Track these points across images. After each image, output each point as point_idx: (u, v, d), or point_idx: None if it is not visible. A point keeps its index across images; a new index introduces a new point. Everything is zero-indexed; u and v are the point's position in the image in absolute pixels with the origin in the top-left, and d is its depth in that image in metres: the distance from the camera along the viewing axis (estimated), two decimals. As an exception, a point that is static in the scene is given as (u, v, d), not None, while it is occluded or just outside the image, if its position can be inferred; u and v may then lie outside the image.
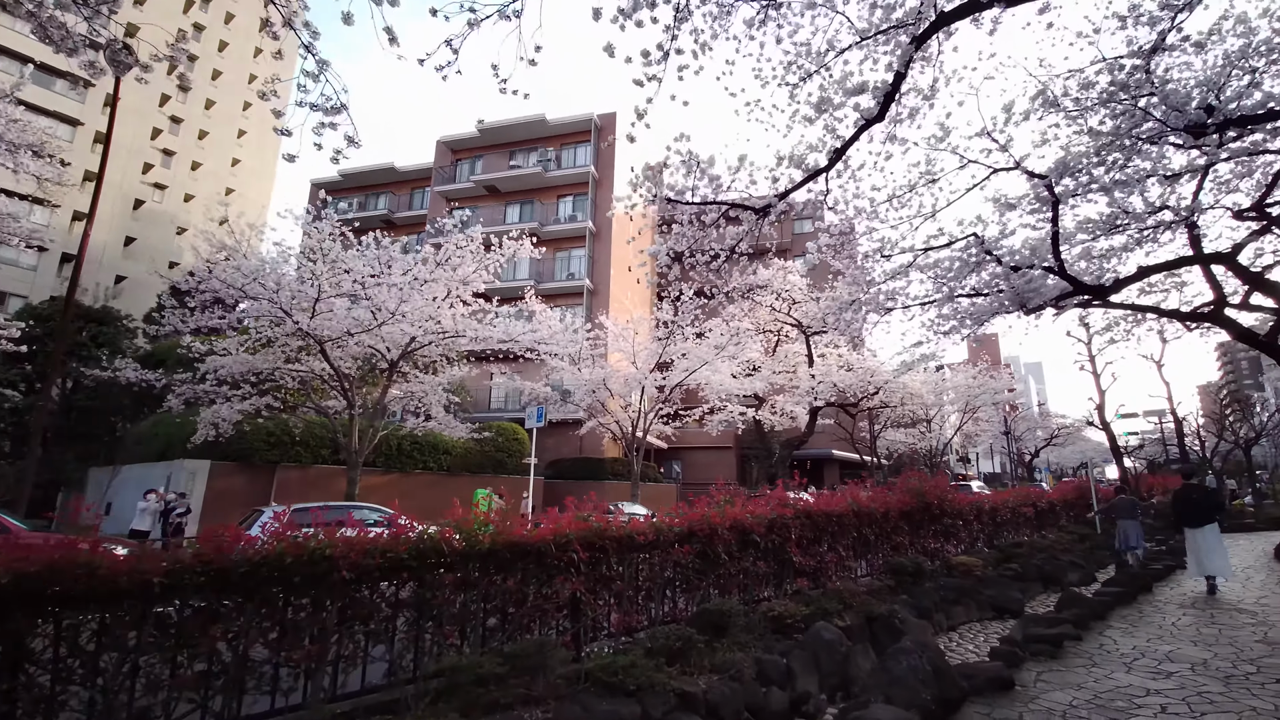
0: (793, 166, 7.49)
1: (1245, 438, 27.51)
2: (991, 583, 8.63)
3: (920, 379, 29.18)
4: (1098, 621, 6.66)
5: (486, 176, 32.64)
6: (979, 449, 60.38)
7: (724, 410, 24.52)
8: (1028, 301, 11.11)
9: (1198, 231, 11.81)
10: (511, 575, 4.41)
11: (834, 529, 7.43)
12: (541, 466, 24.35)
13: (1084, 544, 12.70)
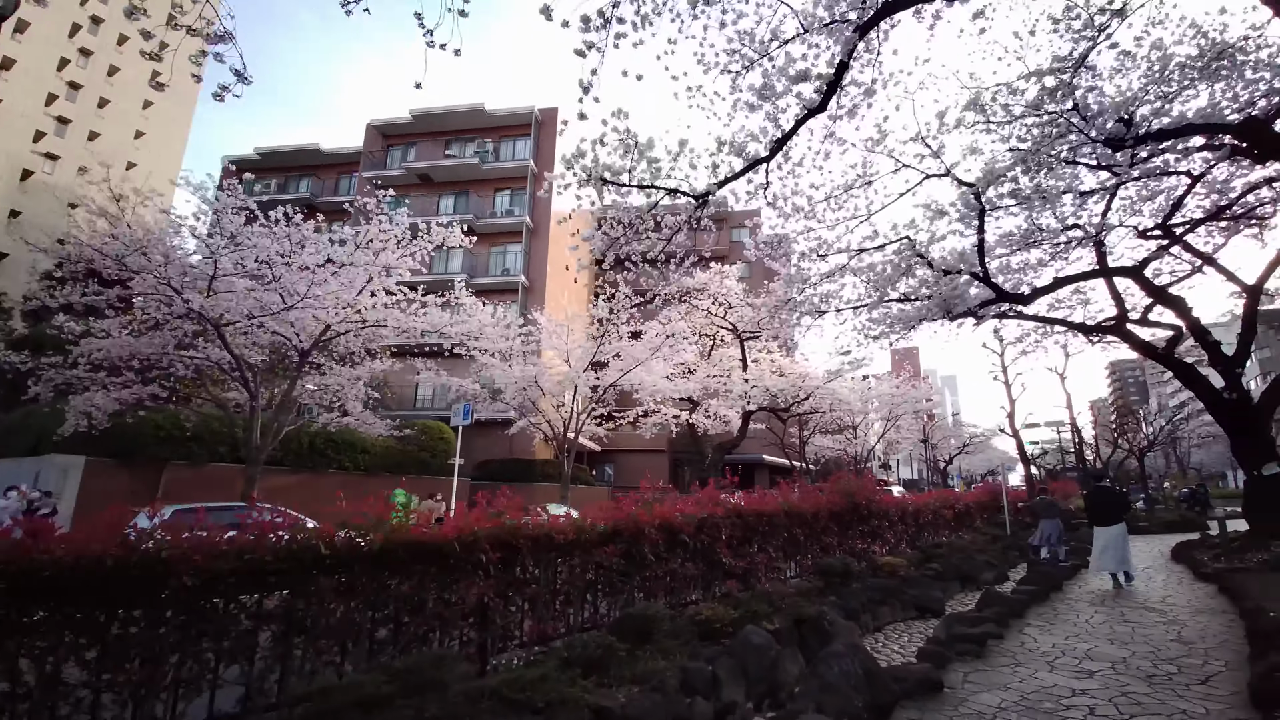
0: (733, 154, 7.27)
1: (1138, 447, 29.84)
2: (914, 582, 8.68)
3: (848, 386, 30.01)
4: (1017, 620, 6.73)
5: (420, 164, 31.25)
6: (899, 456, 63.21)
7: (658, 413, 24.33)
8: (953, 308, 11.42)
9: (1104, 249, 12.54)
10: (408, 579, 3.86)
11: (765, 529, 7.22)
12: (469, 467, 23.33)
13: (996, 544, 13.19)
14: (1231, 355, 11.62)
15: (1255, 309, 11.82)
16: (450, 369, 21.11)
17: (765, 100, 7.01)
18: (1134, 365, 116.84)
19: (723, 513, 6.45)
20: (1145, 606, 7.36)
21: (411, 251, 14.46)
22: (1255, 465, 11.02)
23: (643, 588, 5.69)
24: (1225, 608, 7.07)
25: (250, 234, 11.71)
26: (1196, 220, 11.42)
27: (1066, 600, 7.95)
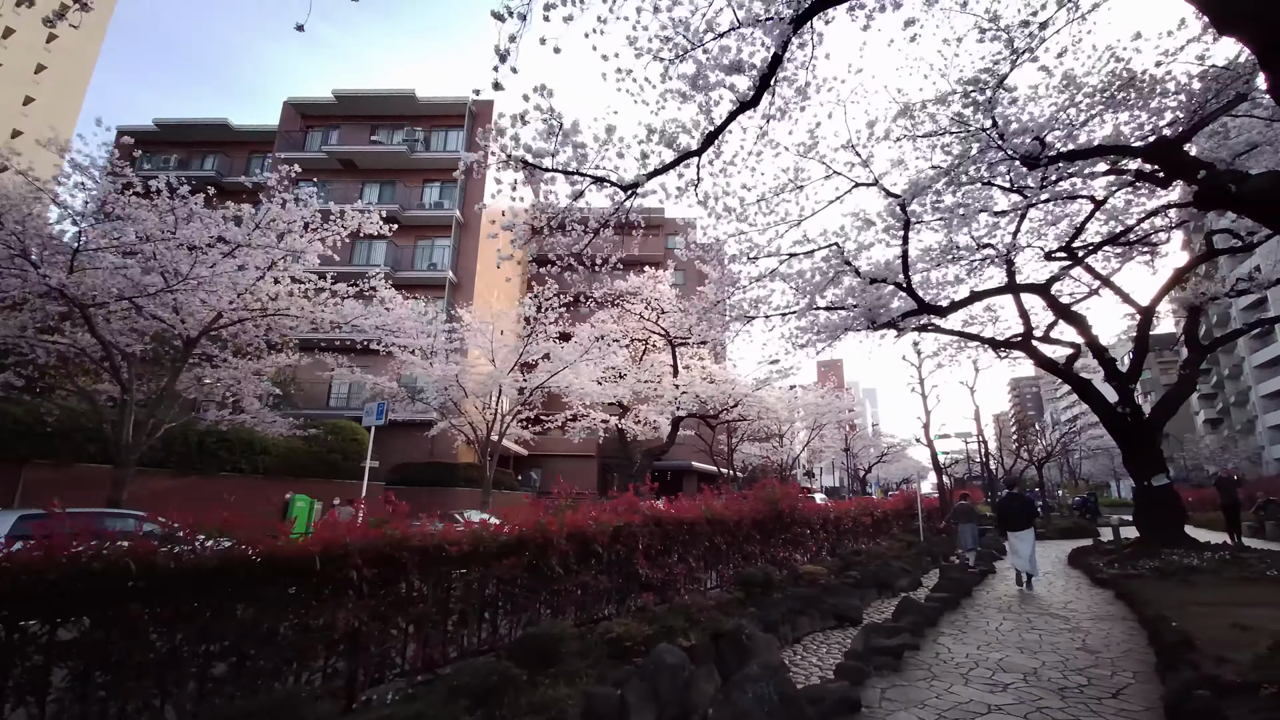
0: (663, 144, 6.95)
1: (1038, 458, 31.91)
2: (834, 590, 8.61)
3: (776, 395, 30.57)
4: (931, 628, 6.70)
5: (342, 149, 29.49)
6: (822, 464, 65.41)
7: (587, 417, 23.89)
8: (877, 317, 11.60)
9: (1014, 268, 13.13)
10: (254, 603, 3.23)
11: (686, 538, 6.89)
12: (383, 471, 21.98)
13: (911, 550, 13.49)
14: (1125, 372, 12.40)
15: (1148, 329, 12.68)
16: (367, 366, 19.83)
17: (698, 91, 6.74)
18: (1032, 382, 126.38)
19: (641, 521, 6.07)
20: (1049, 613, 7.53)
21: (322, 237, 13.38)
22: (1146, 476, 11.76)
23: (551, 603, 5.21)
24: (1124, 614, 7.33)
25: (125, 204, 10.40)
26: (1096, 244, 12.12)
27: (976, 606, 8.06)
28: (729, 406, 26.05)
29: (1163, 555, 10.48)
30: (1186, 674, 3.92)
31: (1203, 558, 10.21)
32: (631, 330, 24.38)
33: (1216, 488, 15.91)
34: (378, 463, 20.65)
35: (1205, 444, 52.90)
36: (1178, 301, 14.55)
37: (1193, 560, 10.04)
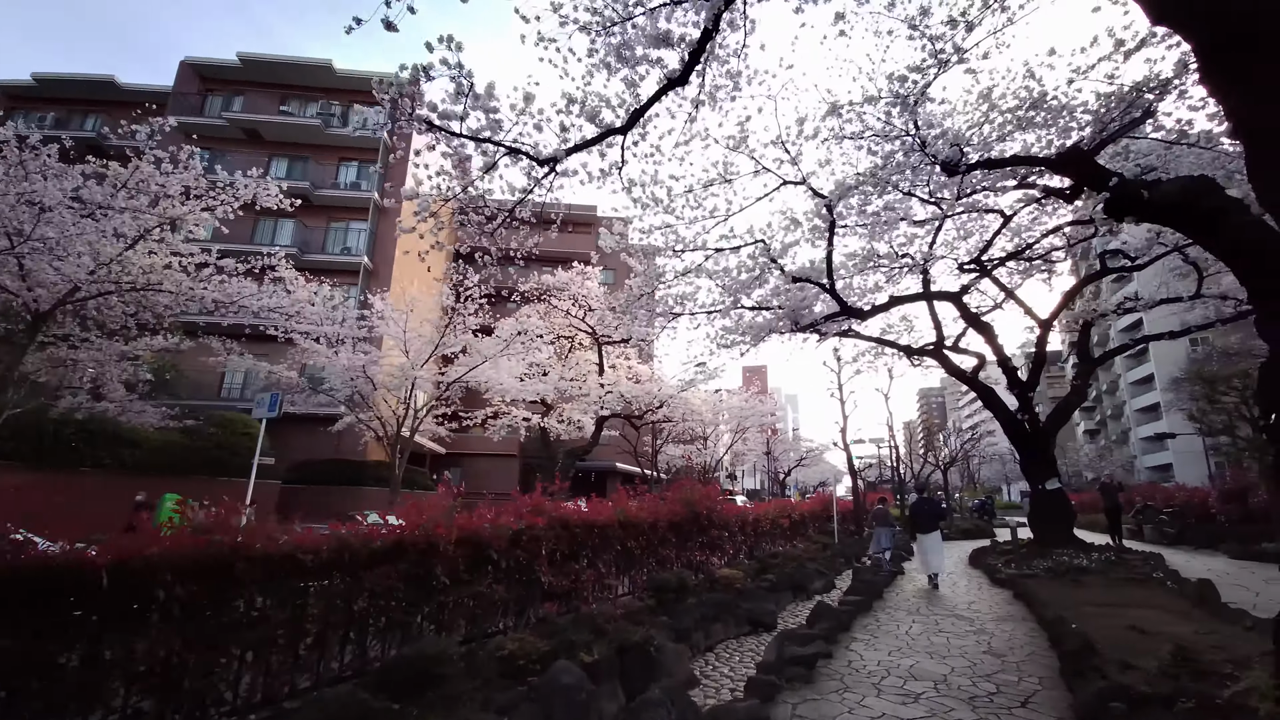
0: (586, 118, 6.49)
1: (943, 463, 33.71)
2: (750, 595, 8.40)
3: (701, 397, 30.69)
4: (844, 634, 6.56)
5: (246, 116, 27.12)
6: (744, 467, 66.89)
7: (509, 415, 23.02)
8: (800, 319, 11.59)
9: (929, 277, 13.56)
10: (16, 628, 2.49)
11: (596, 542, 6.43)
12: (281, 469, 20.22)
13: (826, 552, 13.64)
14: (1025, 381, 13.02)
15: (1045, 341, 13.39)
16: (266, 354, 18.16)
17: (624, 64, 6.32)
18: (938, 393, 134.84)
19: (545, 524, 5.55)
20: (955, 614, 7.60)
21: (209, 206, 12.02)
22: (1040, 480, 12.37)
23: (436, 618, 4.60)
24: (1024, 614, 7.49)
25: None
26: (1003, 258, 12.66)
27: (887, 609, 8.05)
28: (654, 407, 25.85)
29: (1054, 556, 11.00)
30: (1096, 682, 3.85)
31: (1090, 558, 10.79)
32: (558, 327, 23.74)
33: (1100, 493, 17.12)
34: (273, 460, 18.99)
35: (1085, 452, 57.91)
36: (1070, 317, 15.51)
37: (1081, 561, 10.58)
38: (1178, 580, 8.71)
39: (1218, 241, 4.09)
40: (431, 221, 6.87)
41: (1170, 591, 8.17)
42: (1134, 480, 44.30)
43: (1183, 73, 7.51)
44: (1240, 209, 3.95)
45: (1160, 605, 7.27)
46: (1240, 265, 3.87)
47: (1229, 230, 3.93)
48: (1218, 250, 4.05)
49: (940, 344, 14.61)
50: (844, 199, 9.25)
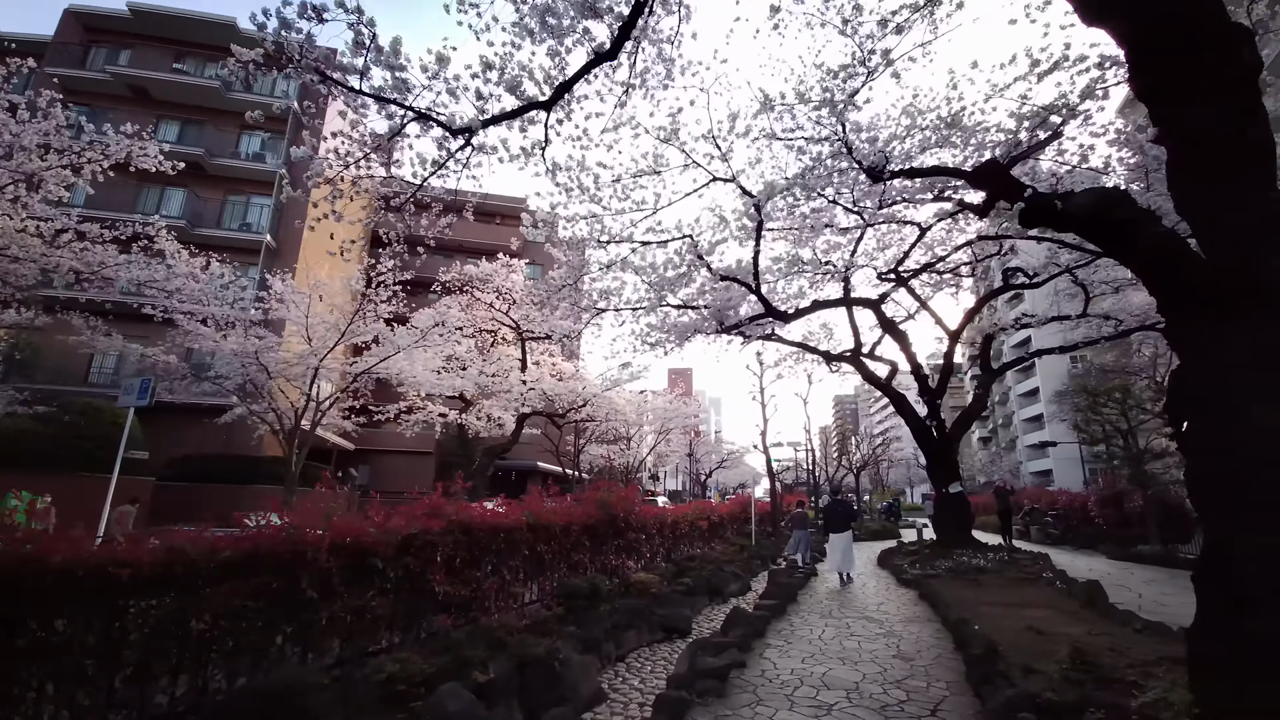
0: (506, 89, 5.99)
1: (856, 466, 35.12)
2: (665, 600, 8.15)
3: (625, 397, 30.48)
4: (758, 640, 6.39)
5: (134, 72, 24.38)
6: (667, 468, 67.41)
7: (424, 410, 21.87)
8: (725, 319, 11.50)
9: (850, 285, 13.91)
10: None
11: (502, 547, 5.93)
12: (159, 464, 18.18)
13: (743, 554, 13.67)
14: (934, 388, 13.57)
15: (953, 351, 14.02)
16: (143, 336, 16.24)
17: (550, 34, 5.88)
18: (851, 400, 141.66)
19: (443, 527, 5.00)
20: (865, 616, 7.64)
21: (75, 164, 10.53)
22: (944, 484, 12.91)
23: (304, 638, 3.98)
24: (929, 615, 7.63)
25: None
26: (918, 269, 13.14)
27: (801, 612, 8.01)
28: (578, 406, 25.35)
29: (955, 556, 11.48)
30: (1004, 690, 3.79)
31: (987, 558, 11.32)
32: (480, 320, 22.82)
33: (994, 496, 18.23)
34: (147, 454, 17.03)
35: (979, 458, 62.30)
36: (974, 330, 16.39)
37: (979, 561, 11.08)
38: (1066, 580, 9.21)
39: (1128, 252, 4.15)
40: (342, 201, 6.19)
41: (1060, 591, 8.60)
42: (1020, 484, 48.00)
43: (1089, 98, 7.93)
44: (1152, 220, 4.02)
45: (1052, 605, 7.60)
46: (1150, 276, 3.93)
47: (1140, 241, 3.98)
48: (1128, 261, 4.11)
49: (858, 351, 15.03)
50: (772, 200, 9.19)
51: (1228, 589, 2.78)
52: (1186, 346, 3.37)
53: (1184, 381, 3.30)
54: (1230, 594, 2.76)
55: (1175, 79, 3.19)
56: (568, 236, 9.22)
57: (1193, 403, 3.19)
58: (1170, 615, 7.29)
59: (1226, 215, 3.26)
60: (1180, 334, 3.44)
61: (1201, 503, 3.06)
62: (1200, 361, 3.23)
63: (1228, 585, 2.78)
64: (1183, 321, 3.43)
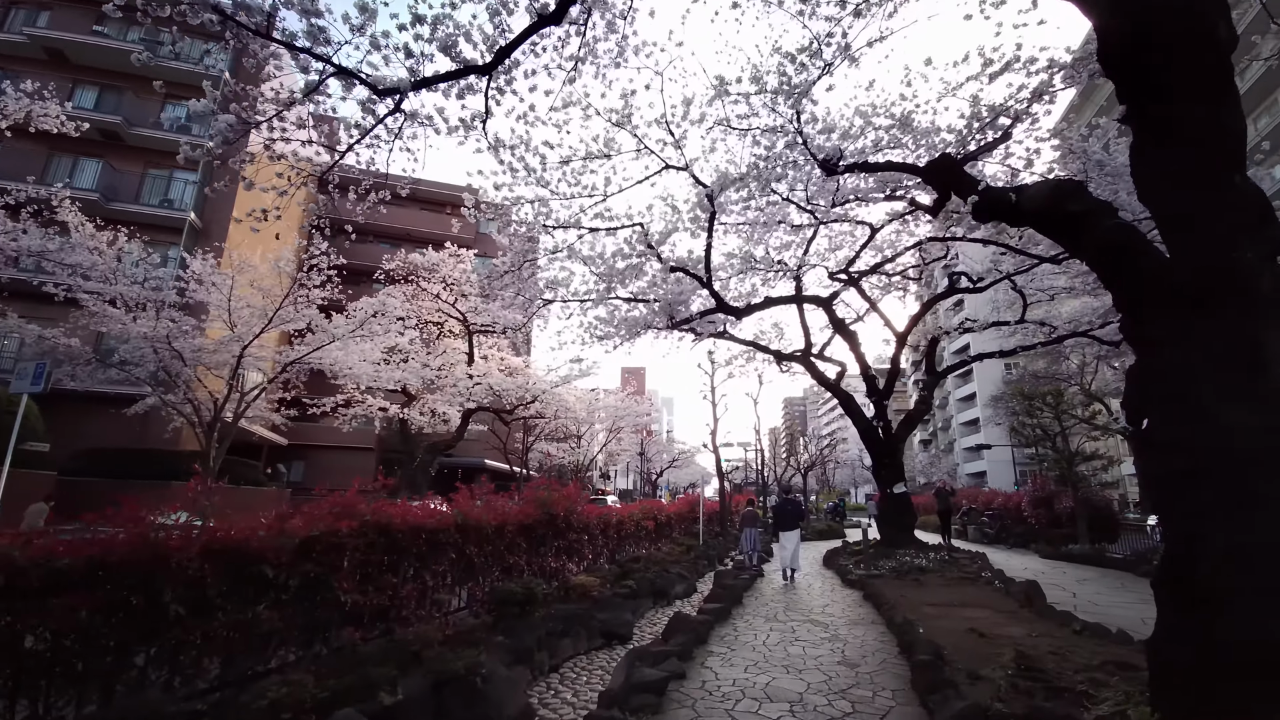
0: (439, 48, 5.48)
1: (804, 467, 35.61)
2: (606, 604, 7.77)
3: (575, 394, 29.94)
4: (700, 647, 6.08)
5: (51, 34, 22.37)
6: (618, 467, 67.04)
7: (363, 403, 20.83)
8: (676, 314, 11.21)
9: (801, 284, 13.86)
10: None
11: (424, 550, 5.41)
12: (63, 456, 16.60)
13: (690, 554, 13.43)
14: (882, 389, 13.66)
15: (900, 352, 14.15)
16: (50, 318, 14.74)
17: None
18: (800, 402, 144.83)
19: (354, 528, 4.47)
20: (811, 619, 7.46)
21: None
22: (889, 484, 12.99)
23: (169, 662, 3.41)
24: (873, 617, 7.51)
25: None
26: (868, 269, 13.19)
27: (746, 615, 7.77)
28: (526, 402, 24.69)
29: (898, 556, 11.53)
30: (953, 702, 3.58)
31: (928, 558, 11.40)
32: (426, 311, 21.92)
33: (935, 497, 18.62)
34: (47, 446, 15.53)
35: (919, 460, 64.45)
36: (920, 333, 16.66)
37: (921, 561, 11.15)
38: (1004, 580, 9.31)
39: (1083, 246, 4.00)
40: (268, 172, 5.58)
41: (999, 591, 8.65)
42: (957, 485, 49.82)
43: (1036, 102, 7.99)
44: (1108, 212, 3.89)
45: (992, 605, 7.60)
46: (1106, 270, 3.79)
47: (1095, 234, 3.84)
48: (1083, 254, 3.96)
49: (808, 351, 15.02)
50: (725, 191, 8.93)
51: (1192, 591, 2.60)
52: (1148, 342, 3.22)
53: (1145, 378, 3.15)
54: (1195, 596, 2.58)
55: (1145, 64, 3.03)
56: (512, 220, 8.71)
57: (1156, 399, 3.03)
58: (1106, 615, 7.39)
59: (1194, 205, 3.11)
60: (1140, 330, 3.29)
61: (1162, 501, 2.90)
62: (1164, 357, 3.08)
63: (1192, 587, 2.60)
64: (1144, 317, 3.28)
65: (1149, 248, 3.61)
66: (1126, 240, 3.66)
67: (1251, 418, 2.66)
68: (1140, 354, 3.33)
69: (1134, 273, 3.48)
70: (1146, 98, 3.07)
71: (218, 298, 14.71)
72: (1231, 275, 2.93)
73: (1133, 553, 12.38)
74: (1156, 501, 2.94)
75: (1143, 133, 3.22)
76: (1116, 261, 3.66)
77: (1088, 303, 14.46)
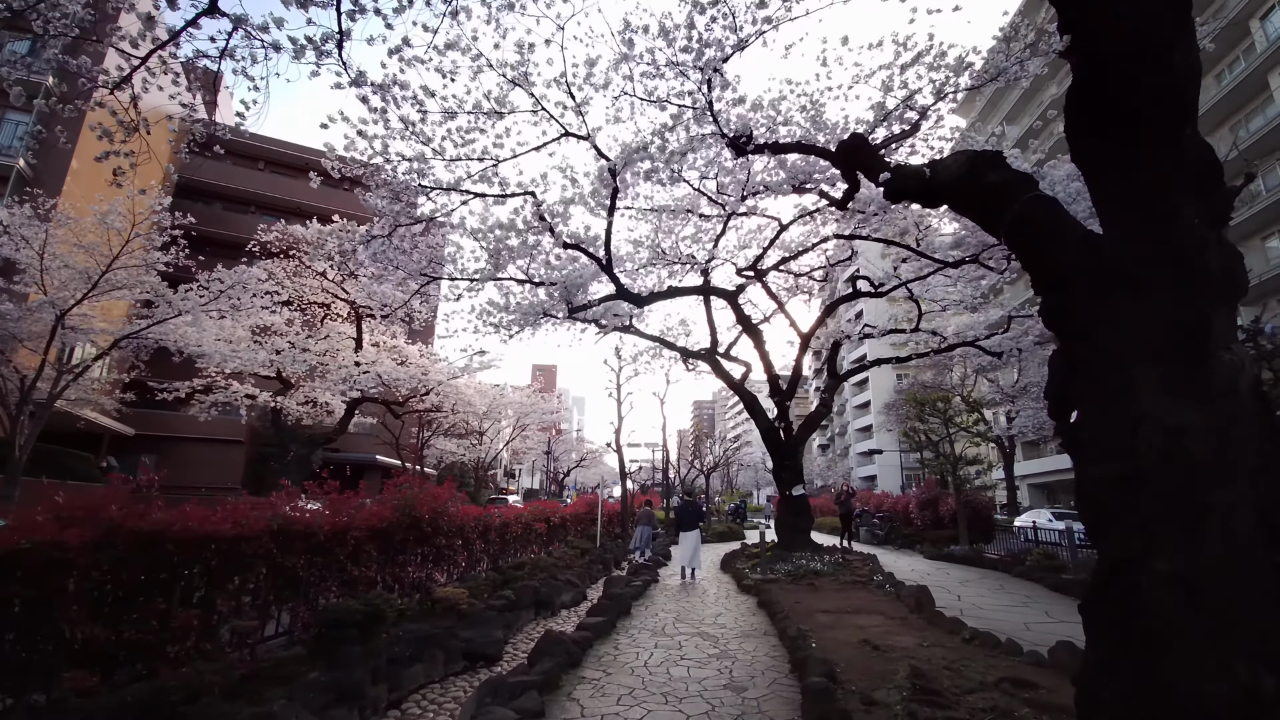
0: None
1: (707, 468, 35.78)
2: (475, 619, 6.82)
3: (475, 387, 28.37)
4: (571, 672, 5.29)
5: None
6: (524, 466, 65.10)
7: (226, 389, 18.39)
8: (574, 299, 10.40)
9: (709, 279, 13.46)
10: None
11: (214, 564, 4.25)
12: None
13: (585, 558, 12.64)
14: (785, 390, 13.49)
15: (804, 353, 14.08)
16: None
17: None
18: (709, 405, 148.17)
19: (86, 540, 3.30)
20: (700, 632, 6.88)
21: None
22: (788, 486, 12.82)
23: None
24: (766, 627, 7.03)
25: None
26: (775, 263, 12.99)
27: (631, 629, 7.06)
28: (420, 394, 22.93)
29: (794, 560, 11.31)
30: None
31: (823, 561, 11.26)
32: (310, 290, 19.77)
33: (836, 501, 18.93)
34: None
35: (817, 463, 67.25)
36: (823, 336, 16.81)
37: (816, 564, 10.97)
38: (894, 583, 9.21)
39: (1002, 222, 3.57)
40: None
41: (889, 595, 8.50)
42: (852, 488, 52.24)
43: (941, 99, 7.88)
44: (1028, 183, 3.49)
45: (884, 611, 7.35)
46: (1025, 247, 3.38)
47: (1015, 209, 3.41)
48: (1002, 232, 3.53)
49: (714, 347, 14.67)
50: (630, 166, 8.22)
51: (1130, 623, 2.11)
52: (1074, 329, 2.79)
53: (1070, 368, 2.71)
54: (1134, 629, 2.09)
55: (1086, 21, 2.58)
56: (383, 177, 7.53)
57: (1085, 394, 2.58)
58: (991, 621, 7.33)
59: (1129, 174, 2.70)
60: (1065, 316, 2.86)
61: (1093, 512, 2.43)
62: (1094, 345, 2.64)
63: (1131, 617, 2.11)
64: (1070, 300, 2.84)
65: (1073, 222, 3.21)
66: (1048, 213, 3.25)
67: (1197, 416, 2.23)
68: (1065, 342, 2.91)
69: (1058, 249, 3.06)
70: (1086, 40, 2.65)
71: (29, 254, 12.24)
72: (1171, 248, 2.53)
73: (1007, 553, 12.91)
74: (1085, 511, 2.48)
75: (1077, 81, 2.79)
76: (1037, 237, 3.24)
77: (975, 318, 15.15)
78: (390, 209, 7.82)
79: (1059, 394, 2.79)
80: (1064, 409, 2.74)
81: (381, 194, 7.95)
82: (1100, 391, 2.53)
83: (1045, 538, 15.74)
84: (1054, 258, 3.15)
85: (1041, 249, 3.24)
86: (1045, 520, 19.55)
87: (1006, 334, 13.96)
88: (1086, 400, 2.58)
